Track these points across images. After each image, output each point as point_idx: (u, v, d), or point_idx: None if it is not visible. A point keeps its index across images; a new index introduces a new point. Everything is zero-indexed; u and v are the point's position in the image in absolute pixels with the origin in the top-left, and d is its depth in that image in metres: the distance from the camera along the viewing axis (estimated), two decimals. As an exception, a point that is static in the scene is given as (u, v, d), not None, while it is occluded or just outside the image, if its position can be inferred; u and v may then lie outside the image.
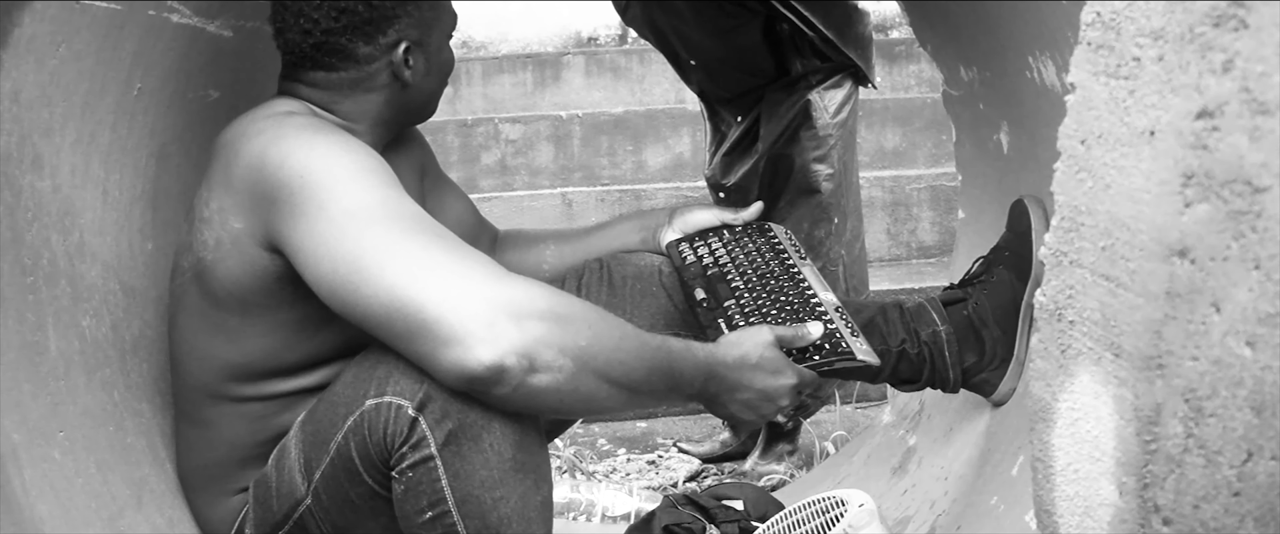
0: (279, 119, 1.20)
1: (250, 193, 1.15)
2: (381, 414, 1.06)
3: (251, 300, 1.19)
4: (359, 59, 1.27)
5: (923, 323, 1.55)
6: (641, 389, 1.09)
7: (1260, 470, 0.69)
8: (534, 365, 1.00)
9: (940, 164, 4.41)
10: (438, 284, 1.01)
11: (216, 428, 1.26)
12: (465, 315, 1.00)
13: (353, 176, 1.11)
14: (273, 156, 1.13)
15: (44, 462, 1.11)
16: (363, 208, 1.08)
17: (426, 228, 1.08)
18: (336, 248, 1.06)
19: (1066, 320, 0.87)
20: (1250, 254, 0.68)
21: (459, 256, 1.05)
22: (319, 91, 1.29)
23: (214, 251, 1.19)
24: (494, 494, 1.07)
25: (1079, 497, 0.88)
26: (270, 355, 1.23)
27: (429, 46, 1.34)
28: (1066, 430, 0.89)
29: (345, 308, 1.06)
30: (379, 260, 1.03)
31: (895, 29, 5.45)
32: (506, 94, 5.10)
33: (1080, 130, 0.84)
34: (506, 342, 0.99)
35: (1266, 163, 0.66)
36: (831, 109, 2.30)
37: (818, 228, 2.34)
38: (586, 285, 1.54)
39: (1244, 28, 0.67)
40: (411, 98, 1.34)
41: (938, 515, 1.64)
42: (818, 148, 2.30)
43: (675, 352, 1.12)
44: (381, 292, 1.02)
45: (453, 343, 0.99)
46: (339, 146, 1.15)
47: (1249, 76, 0.67)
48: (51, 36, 1.16)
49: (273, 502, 1.20)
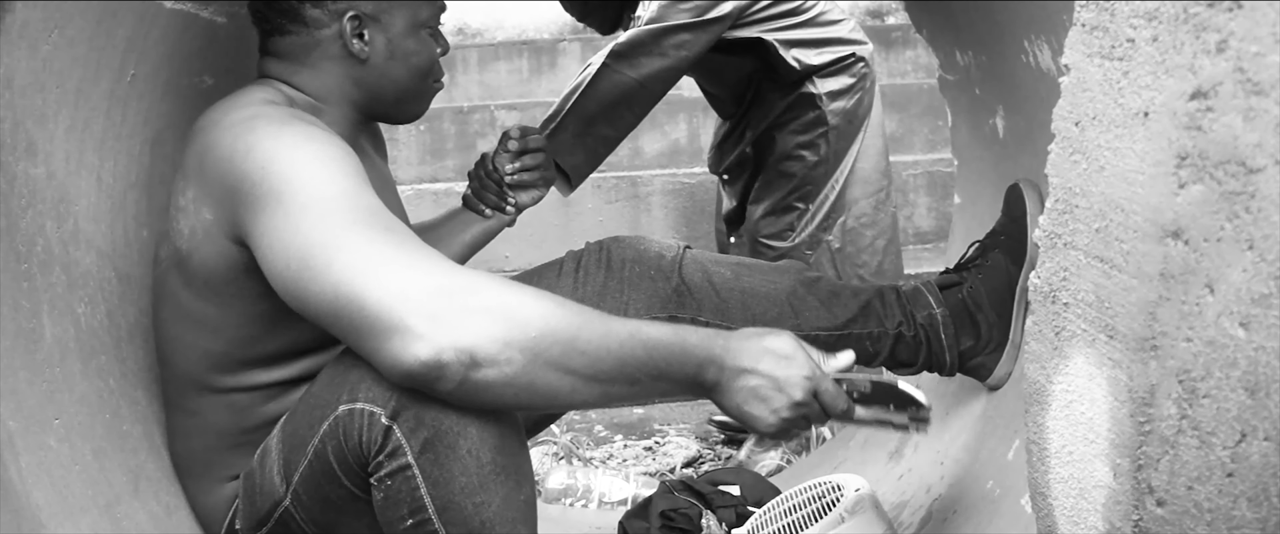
0: (252, 109, 1.19)
1: (220, 183, 1.14)
2: (355, 420, 1.05)
3: (226, 291, 1.19)
4: (307, 21, 1.29)
5: (919, 306, 1.55)
6: (616, 379, 1.04)
7: (1253, 451, 0.69)
8: (476, 360, 0.98)
9: (936, 149, 4.41)
10: (381, 278, 1.00)
11: (203, 416, 1.26)
12: (404, 311, 0.98)
13: (314, 170, 1.09)
14: (240, 148, 1.13)
15: (40, 449, 1.11)
16: (317, 202, 1.06)
17: (379, 222, 1.06)
18: (290, 242, 1.05)
19: (1061, 302, 0.87)
20: (1244, 235, 0.68)
21: (407, 251, 1.03)
22: (283, 63, 1.31)
23: (189, 241, 1.19)
24: (475, 500, 1.06)
25: (1073, 478, 0.88)
26: (248, 345, 1.22)
27: (388, 27, 1.33)
28: (1061, 412, 0.89)
29: (298, 303, 1.05)
30: (327, 255, 1.02)
31: (891, 15, 5.44)
32: (503, 81, 5.09)
33: (1074, 112, 0.84)
34: (445, 337, 0.97)
35: (1261, 143, 0.66)
36: (828, 94, 2.30)
37: (788, 212, 2.34)
38: (584, 267, 1.54)
39: (1238, 7, 0.67)
40: (375, 81, 1.34)
41: (934, 500, 1.64)
42: (804, 133, 2.30)
43: (655, 338, 1.06)
44: (328, 286, 1.01)
45: (392, 337, 0.98)
46: (303, 137, 1.13)
47: (1243, 57, 0.67)
48: (44, 22, 1.15)
49: (257, 498, 1.20)
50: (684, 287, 1.53)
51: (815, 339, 1.55)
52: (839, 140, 2.33)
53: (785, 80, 2.30)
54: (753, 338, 1.11)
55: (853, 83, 2.33)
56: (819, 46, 2.30)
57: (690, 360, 1.07)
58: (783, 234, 2.34)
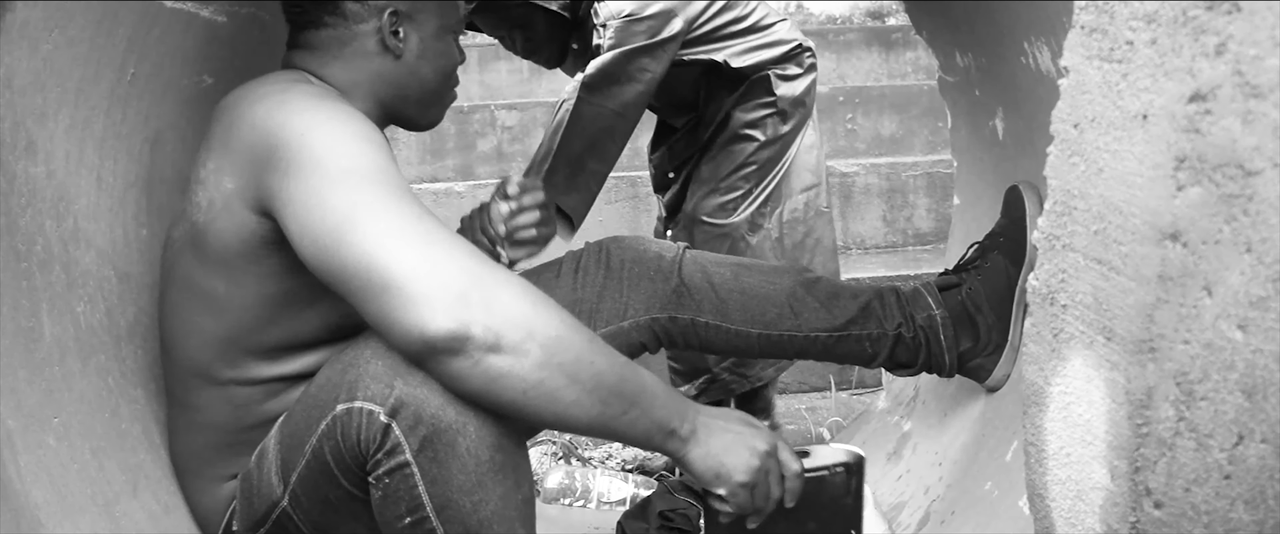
0: (284, 86, 1.21)
1: (249, 152, 1.15)
2: (353, 419, 1.06)
3: (237, 266, 1.19)
4: (346, 15, 1.30)
5: (918, 307, 1.56)
6: (611, 402, 1.05)
7: (1251, 453, 0.70)
8: (499, 343, 1.00)
9: (936, 151, 4.41)
10: (419, 247, 1.01)
11: (203, 412, 1.26)
12: (438, 281, 0.99)
13: (353, 139, 1.12)
14: (276, 118, 1.14)
15: (39, 448, 1.11)
16: (361, 169, 1.09)
17: (416, 201, 1.09)
18: (331, 198, 1.06)
19: (1059, 304, 0.87)
20: (1242, 238, 0.68)
21: (443, 232, 1.05)
22: (314, 55, 1.31)
23: (206, 213, 1.20)
24: (473, 498, 1.06)
25: (1071, 480, 0.89)
26: (253, 331, 1.22)
27: (422, 26, 1.34)
28: (1059, 414, 0.89)
29: (325, 260, 1.05)
30: (370, 215, 1.04)
31: (892, 16, 5.44)
32: (503, 81, 5.09)
33: (1073, 114, 0.84)
34: (474, 312, 0.99)
35: (1259, 146, 0.66)
36: (779, 76, 2.31)
37: (731, 191, 2.33)
38: (584, 267, 1.54)
39: (1237, 10, 0.67)
40: (406, 79, 1.34)
41: (932, 501, 1.64)
42: (755, 111, 2.31)
43: (649, 377, 1.10)
44: (365, 243, 1.02)
45: (419, 303, 0.99)
46: (342, 113, 1.16)
47: (1242, 59, 0.67)
48: (45, 22, 1.15)
49: (255, 499, 1.20)
50: (683, 287, 1.53)
51: (815, 339, 1.55)
52: (785, 123, 2.33)
53: (737, 77, 2.31)
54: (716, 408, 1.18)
55: (800, 72, 2.35)
56: (766, 49, 2.32)
57: (675, 406, 1.11)
58: (724, 209, 2.33)
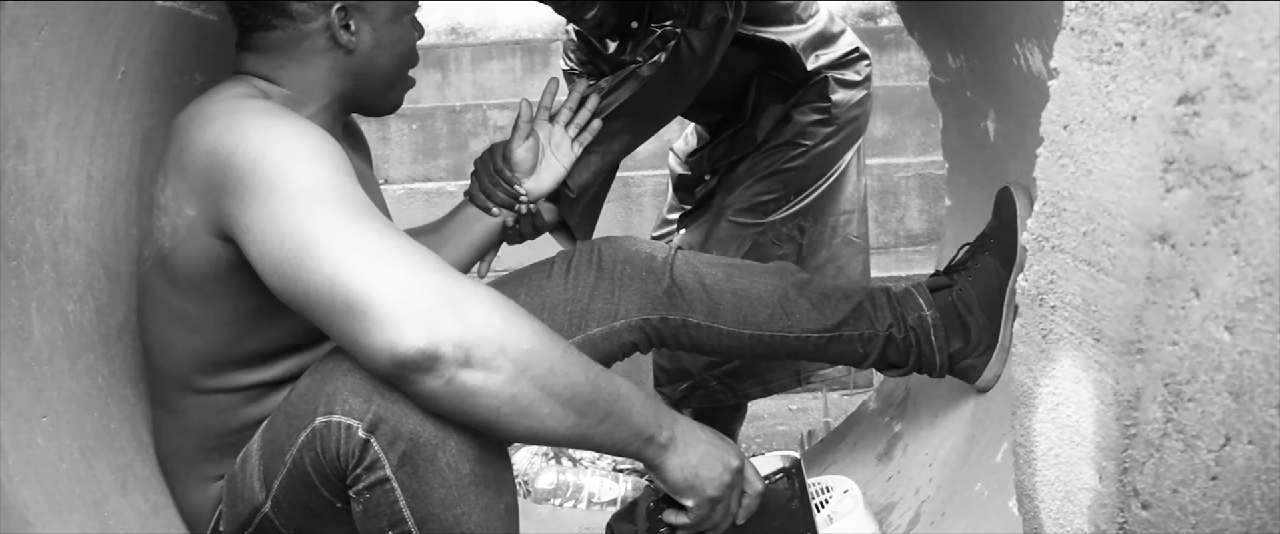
0: (233, 103, 1.18)
1: (205, 178, 1.13)
2: (332, 432, 1.04)
3: (208, 288, 1.18)
4: (293, 15, 1.27)
5: (909, 308, 1.56)
6: (588, 412, 1.05)
7: (1238, 454, 0.70)
8: (470, 359, 0.98)
9: (928, 152, 4.42)
10: (382, 266, 1.00)
11: (187, 416, 1.26)
12: (404, 299, 0.98)
13: (307, 159, 1.09)
14: (226, 142, 1.12)
15: (28, 447, 1.11)
16: (316, 189, 1.06)
17: (375, 218, 1.06)
18: (286, 224, 1.04)
19: (1048, 305, 0.88)
20: (1230, 239, 0.68)
21: (406, 247, 1.03)
22: (264, 59, 1.28)
23: (171, 239, 1.18)
24: (454, 512, 1.05)
25: (1059, 481, 0.89)
26: (230, 345, 1.22)
27: (373, 15, 1.31)
28: (1047, 415, 0.90)
29: (288, 286, 1.04)
30: (328, 237, 1.02)
31: (884, 17, 5.45)
32: (496, 80, 5.09)
33: (1063, 115, 0.84)
34: (443, 329, 0.97)
35: (1247, 148, 0.66)
36: (837, 81, 2.26)
37: (768, 194, 2.24)
38: (575, 268, 1.54)
39: (1225, 13, 0.67)
40: (362, 71, 1.32)
41: (923, 502, 1.64)
42: (809, 115, 2.23)
43: (624, 385, 1.09)
44: (326, 267, 1.00)
45: (387, 324, 0.97)
46: (294, 131, 1.13)
47: (1230, 62, 0.67)
48: (35, 19, 1.15)
49: (239, 503, 1.20)
50: (675, 288, 1.53)
51: (806, 340, 1.56)
52: (835, 136, 2.28)
53: (792, 79, 2.26)
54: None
55: (858, 81, 2.30)
56: (830, 44, 2.27)
57: (652, 415, 1.11)
58: (755, 210, 2.27)
